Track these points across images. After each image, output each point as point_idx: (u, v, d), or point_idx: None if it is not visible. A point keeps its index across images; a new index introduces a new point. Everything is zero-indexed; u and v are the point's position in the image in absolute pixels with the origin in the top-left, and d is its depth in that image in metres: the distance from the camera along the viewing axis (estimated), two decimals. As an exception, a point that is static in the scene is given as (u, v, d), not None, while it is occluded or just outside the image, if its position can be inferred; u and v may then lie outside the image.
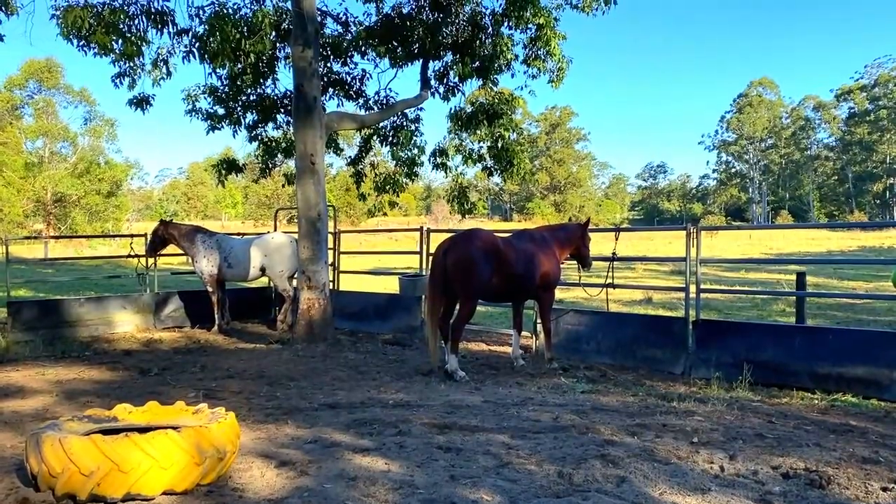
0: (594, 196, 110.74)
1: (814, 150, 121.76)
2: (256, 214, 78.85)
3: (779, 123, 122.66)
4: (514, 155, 13.49)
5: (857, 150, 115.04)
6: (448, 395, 7.64)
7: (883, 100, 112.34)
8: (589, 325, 10.41)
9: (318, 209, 10.95)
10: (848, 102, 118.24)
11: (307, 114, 10.81)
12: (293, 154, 14.00)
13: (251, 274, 13.34)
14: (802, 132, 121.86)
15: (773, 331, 9.13)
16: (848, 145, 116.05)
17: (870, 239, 63.37)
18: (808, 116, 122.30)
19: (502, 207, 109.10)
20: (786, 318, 17.04)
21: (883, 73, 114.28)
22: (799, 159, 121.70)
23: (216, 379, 8.80)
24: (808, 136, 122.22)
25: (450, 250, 8.69)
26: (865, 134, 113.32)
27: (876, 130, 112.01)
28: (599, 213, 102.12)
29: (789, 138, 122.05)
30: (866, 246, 56.23)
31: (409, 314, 12.64)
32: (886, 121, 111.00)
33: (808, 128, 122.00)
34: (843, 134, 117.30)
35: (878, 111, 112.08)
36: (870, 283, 24.68)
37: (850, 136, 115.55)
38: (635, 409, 6.97)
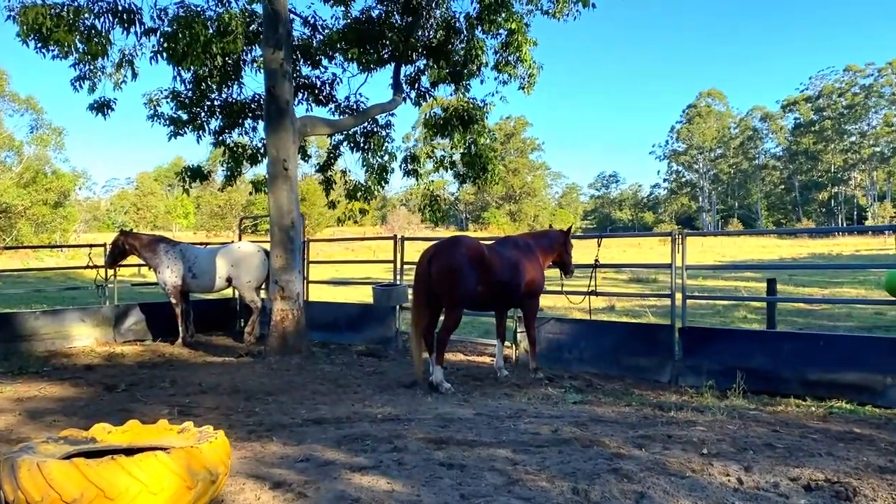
0: (548, 205, 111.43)
1: (761, 160, 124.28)
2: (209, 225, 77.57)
3: (727, 134, 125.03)
4: (487, 161, 13.26)
5: (803, 160, 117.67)
6: (437, 408, 7.35)
7: (827, 110, 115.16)
8: (571, 333, 10.20)
9: (292, 217, 10.58)
10: (794, 113, 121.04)
11: (279, 118, 10.45)
12: (260, 160, 13.61)
13: (217, 285, 12.88)
14: (750, 142, 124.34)
15: (763, 337, 9.02)
16: (794, 155, 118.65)
17: (818, 246, 64.68)
18: (756, 127, 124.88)
19: (458, 217, 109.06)
20: (748, 325, 17.08)
21: (827, 84, 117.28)
22: (747, 169, 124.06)
23: (189, 394, 8.38)
24: (756, 145, 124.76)
25: (434, 258, 8.40)
26: (811, 144, 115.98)
27: (821, 140, 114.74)
28: (553, 222, 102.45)
29: (738, 148, 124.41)
30: (816, 253, 57.31)
31: (383, 325, 12.31)
32: (831, 131, 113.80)
33: (756, 138, 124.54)
34: (789, 144, 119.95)
35: (822, 121, 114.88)
36: (825, 288, 24.98)
37: (796, 145, 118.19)
38: (634, 419, 6.75)
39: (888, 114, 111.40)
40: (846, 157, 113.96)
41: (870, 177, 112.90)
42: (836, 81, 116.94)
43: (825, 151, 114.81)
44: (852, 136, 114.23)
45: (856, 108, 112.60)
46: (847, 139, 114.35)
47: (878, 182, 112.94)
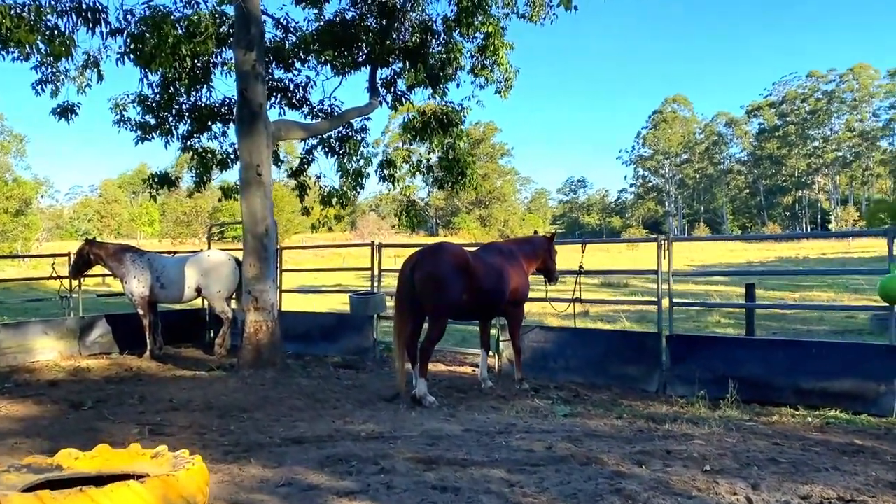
0: (518, 210, 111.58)
1: (726, 165, 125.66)
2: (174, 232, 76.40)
3: (693, 139, 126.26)
4: (465, 165, 12.96)
5: (768, 165, 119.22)
6: (423, 424, 7.03)
7: (791, 116, 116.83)
8: (556, 342, 9.94)
9: (266, 224, 10.18)
10: (758, 118, 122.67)
11: (252, 121, 10.06)
12: (230, 166, 13.20)
13: (186, 295, 12.44)
14: (715, 147, 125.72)
15: (754, 345, 8.83)
16: (759, 160, 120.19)
17: (785, 250, 65.30)
18: (721, 132, 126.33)
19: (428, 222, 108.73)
20: (722, 329, 16.96)
21: (790, 90, 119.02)
22: (713, 173, 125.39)
23: (159, 412, 7.96)
24: (721, 150, 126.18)
25: (418, 266, 8.08)
26: (775, 149, 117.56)
27: (785, 145, 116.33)
28: (523, 227, 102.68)
29: (703, 153, 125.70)
30: (783, 256, 57.86)
31: (359, 335, 11.95)
32: (794, 136, 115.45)
33: (721, 143, 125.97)
34: (754, 149, 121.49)
35: (786, 126, 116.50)
36: (795, 292, 25.00)
37: (760, 150, 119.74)
38: (629, 433, 6.49)
39: (850, 119, 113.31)
40: (809, 162, 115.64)
41: (832, 181, 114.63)
42: (799, 87, 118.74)
43: (789, 156, 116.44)
44: (815, 140, 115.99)
45: (819, 114, 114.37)
46: (810, 144, 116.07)
47: (841, 186, 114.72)
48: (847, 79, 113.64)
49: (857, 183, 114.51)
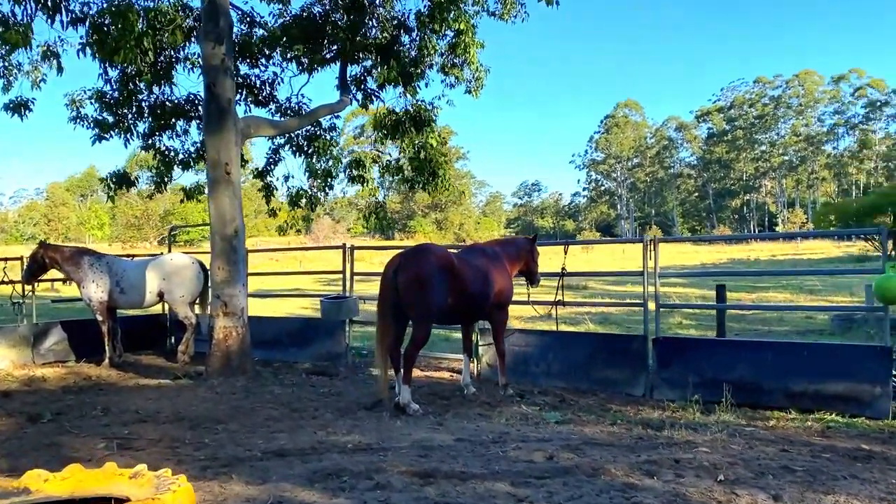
0: (473, 214, 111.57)
1: (676, 169, 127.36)
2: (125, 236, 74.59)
3: (644, 143, 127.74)
4: (438, 166, 12.64)
5: (717, 168, 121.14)
6: (411, 434, 6.69)
7: (738, 121, 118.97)
8: (538, 345, 9.66)
9: (235, 225, 9.73)
10: (707, 123, 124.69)
11: (220, 118, 9.61)
12: (192, 165, 12.69)
13: (147, 300, 11.90)
14: (666, 151, 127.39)
15: (743, 347, 8.66)
16: (708, 164, 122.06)
17: (736, 252, 66.28)
18: (671, 136, 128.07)
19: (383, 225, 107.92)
20: (685, 330, 16.88)
21: (738, 95, 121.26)
22: (663, 177, 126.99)
23: (126, 424, 7.48)
24: (672, 155, 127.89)
25: (402, 268, 7.72)
26: (724, 153, 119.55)
27: (733, 149, 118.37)
28: (478, 230, 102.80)
29: (654, 157, 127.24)
30: (734, 258, 58.67)
31: (331, 340, 11.54)
32: (742, 140, 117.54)
33: (671, 147, 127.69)
34: (703, 153, 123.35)
35: (734, 131, 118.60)
36: (752, 293, 25.19)
37: (709, 154, 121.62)
38: (629, 441, 6.23)
39: (796, 123, 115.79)
40: (757, 166, 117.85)
41: (779, 184, 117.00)
42: (746, 93, 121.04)
43: (737, 160, 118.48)
44: (763, 145, 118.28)
45: (766, 119, 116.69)
46: (758, 148, 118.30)
47: (787, 189, 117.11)
48: (793, 84, 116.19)
49: (803, 186, 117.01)
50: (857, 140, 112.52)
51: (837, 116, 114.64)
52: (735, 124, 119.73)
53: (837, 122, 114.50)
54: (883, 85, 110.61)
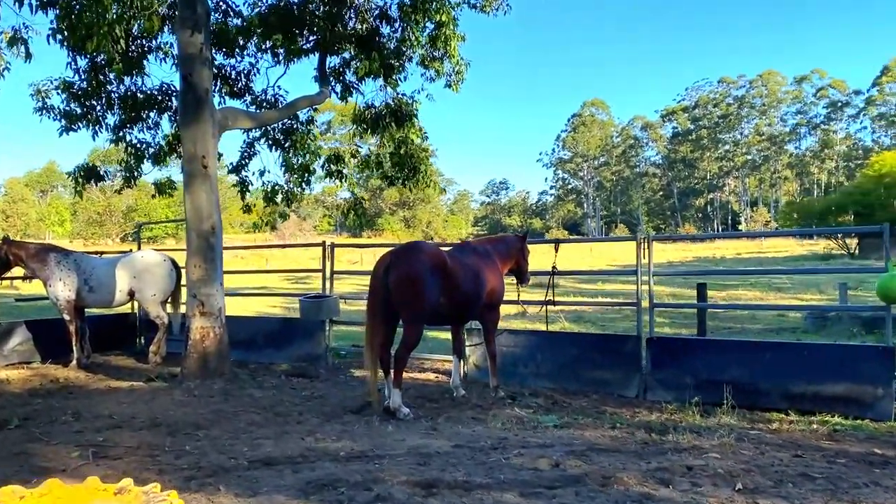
0: (441, 212, 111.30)
1: (642, 168, 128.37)
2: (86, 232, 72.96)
3: (610, 142, 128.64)
4: (419, 162, 12.31)
5: (681, 167, 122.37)
6: (405, 440, 6.38)
7: (703, 120, 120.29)
8: (526, 346, 9.38)
9: (212, 221, 9.32)
10: (672, 123, 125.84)
11: (197, 109, 9.19)
12: (164, 159, 12.23)
13: (117, 299, 11.42)
14: (632, 150, 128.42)
15: (741, 348, 8.44)
16: (673, 163, 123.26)
17: (701, 250, 66.85)
18: (637, 136, 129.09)
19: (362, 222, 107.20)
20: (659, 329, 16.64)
21: (702, 95, 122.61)
22: (629, 176, 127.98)
23: (100, 430, 7.07)
24: (637, 154, 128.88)
25: (393, 267, 7.39)
26: (688, 152, 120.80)
27: (697, 149, 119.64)
28: (446, 228, 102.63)
29: (620, 156, 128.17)
30: (700, 256, 59.14)
31: (310, 341, 11.16)
32: (706, 140, 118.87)
33: (637, 146, 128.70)
34: (668, 152, 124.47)
35: (699, 131, 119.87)
36: (721, 291, 25.17)
37: (674, 154, 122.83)
38: (635, 447, 5.98)
39: (759, 123, 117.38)
40: (721, 165, 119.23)
41: (742, 183, 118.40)
42: (711, 92, 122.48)
43: (701, 159, 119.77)
44: (726, 144, 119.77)
45: (729, 118, 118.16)
46: (722, 147, 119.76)
47: (751, 188, 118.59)
48: (756, 85, 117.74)
49: (766, 185, 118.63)
50: (818, 140, 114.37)
51: (800, 116, 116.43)
52: (699, 124, 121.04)
53: (800, 122, 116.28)
54: (844, 86, 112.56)
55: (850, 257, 48.89)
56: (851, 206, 51.22)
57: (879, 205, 49.77)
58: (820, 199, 72.61)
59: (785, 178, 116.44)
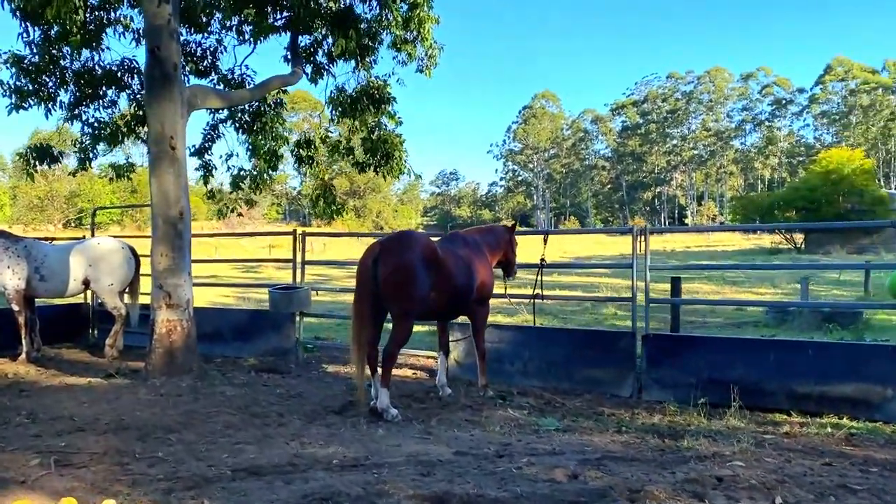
0: (391, 202, 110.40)
1: (591, 161, 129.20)
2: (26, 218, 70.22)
3: (560, 135, 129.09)
4: (393, 148, 11.79)
5: (630, 161, 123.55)
6: (400, 446, 5.90)
7: (652, 114, 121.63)
8: (512, 342, 8.94)
9: (181, 207, 8.68)
10: (621, 116, 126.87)
11: (165, 85, 8.52)
12: (122, 140, 11.50)
13: (71, 288, 10.71)
14: (582, 143, 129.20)
15: (743, 346, 8.11)
16: (622, 156, 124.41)
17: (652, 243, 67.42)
18: (587, 129, 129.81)
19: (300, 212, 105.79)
20: (621, 322, 16.47)
21: (651, 90, 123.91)
22: (578, 168, 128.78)
23: (60, 433, 6.45)
24: (587, 146, 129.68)
25: (382, 258, 6.87)
26: (637, 146, 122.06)
27: (646, 143, 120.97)
28: (396, 218, 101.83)
29: (570, 149, 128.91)
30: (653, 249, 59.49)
31: (279, 334, 10.58)
32: (655, 134, 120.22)
33: (587, 139, 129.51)
34: (617, 145, 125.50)
35: (647, 125, 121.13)
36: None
37: (623, 147, 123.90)
38: (651, 454, 5.59)
39: (706, 119, 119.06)
40: (669, 159, 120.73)
41: (689, 178, 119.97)
42: (659, 87, 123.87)
43: (650, 153, 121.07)
44: (674, 139, 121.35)
45: (678, 113, 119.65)
46: (669, 142, 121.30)
47: (697, 183, 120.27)
48: (704, 81, 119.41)
49: (712, 180, 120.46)
50: (763, 136, 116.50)
51: (745, 113, 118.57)
52: (648, 118, 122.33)
53: (745, 119, 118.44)
54: (788, 84, 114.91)
55: (797, 251, 49.77)
56: (799, 201, 52.11)
57: (826, 201, 50.73)
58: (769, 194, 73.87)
59: (730, 173, 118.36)
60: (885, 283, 24.18)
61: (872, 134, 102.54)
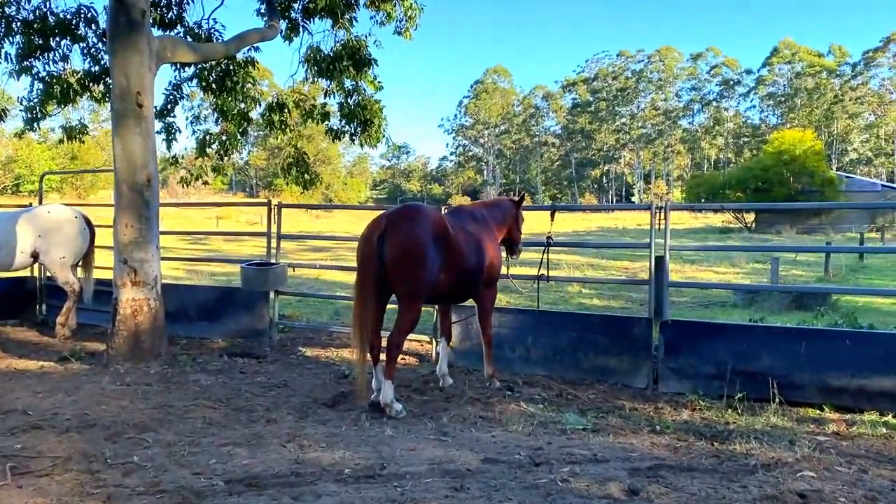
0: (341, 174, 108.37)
1: (542, 137, 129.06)
2: (-46, 184, 66.93)
3: (511, 111, 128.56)
4: (373, 114, 10.90)
5: (580, 138, 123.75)
6: (415, 450, 5.14)
7: (602, 92, 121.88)
8: (514, 326, 8.18)
9: (148, 172, 7.70)
10: (572, 94, 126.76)
11: (131, 34, 7.50)
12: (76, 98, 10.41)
13: (18, 261, 9.66)
14: (532, 119, 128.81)
15: (771, 334, 7.44)
16: (571, 133, 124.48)
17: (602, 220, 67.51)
18: (538, 105, 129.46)
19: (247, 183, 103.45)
20: (588, 300, 15.91)
21: (602, 68, 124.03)
22: (528, 145, 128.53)
23: (14, 432, 5.56)
24: (538, 123, 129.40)
25: (389, 234, 6.03)
26: (587, 123, 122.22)
27: (596, 120, 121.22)
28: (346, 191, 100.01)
29: (520, 125, 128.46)
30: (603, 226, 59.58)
31: (250, 314, 9.66)
32: (604, 112, 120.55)
33: (538, 116, 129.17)
34: (567, 123, 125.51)
35: (597, 103, 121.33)
36: (635, 262, 24.69)
37: (573, 124, 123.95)
38: (706, 461, 4.93)
39: (655, 98, 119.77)
40: (618, 137, 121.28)
41: (637, 156, 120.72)
42: (610, 66, 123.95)
43: (599, 131, 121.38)
44: (623, 117, 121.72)
45: (627, 92, 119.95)
46: (619, 120, 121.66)
47: (644, 161, 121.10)
48: (654, 60, 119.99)
49: (659, 159, 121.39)
50: (710, 116, 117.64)
51: (694, 93, 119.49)
52: (598, 96, 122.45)
53: (693, 99, 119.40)
54: (736, 64, 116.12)
55: (748, 231, 50.15)
56: (752, 180, 52.46)
57: (778, 181, 51.16)
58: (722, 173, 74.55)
59: (677, 152, 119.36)
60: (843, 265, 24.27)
61: (816, 116, 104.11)
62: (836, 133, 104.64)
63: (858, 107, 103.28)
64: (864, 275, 22.27)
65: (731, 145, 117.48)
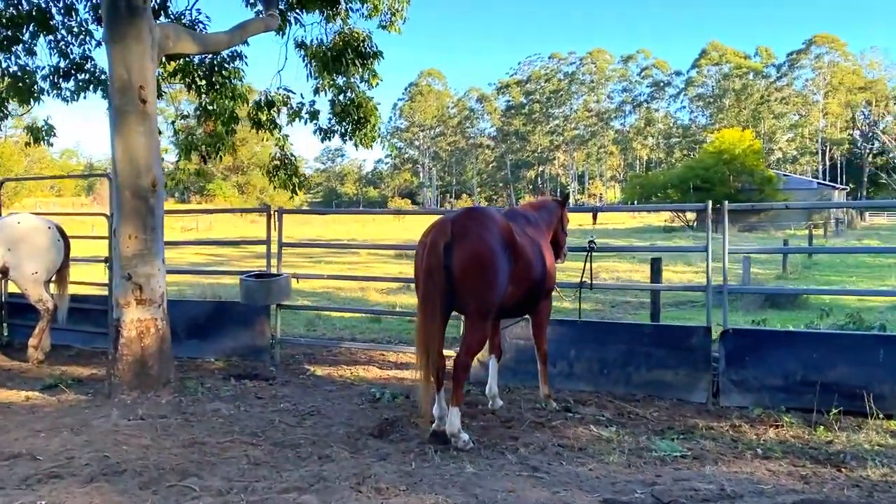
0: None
1: (477, 139, 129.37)
2: None
3: (446, 113, 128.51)
4: (368, 112, 10.15)
5: (514, 140, 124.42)
6: (513, 491, 4.47)
7: (535, 94, 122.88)
8: (553, 339, 7.44)
9: (153, 176, 6.80)
10: (506, 96, 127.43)
11: (132, 21, 6.60)
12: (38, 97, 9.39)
13: (-17, 276, 8.64)
14: (467, 121, 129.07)
15: (845, 341, 6.95)
16: (506, 135, 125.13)
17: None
18: (472, 107, 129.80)
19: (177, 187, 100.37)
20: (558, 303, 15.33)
21: (535, 70, 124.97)
22: (464, 147, 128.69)
23: (29, 482, 4.68)
24: (472, 125, 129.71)
25: (458, 242, 5.30)
26: (521, 125, 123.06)
27: (530, 122, 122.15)
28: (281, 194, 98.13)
29: (456, 127, 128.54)
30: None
31: (248, 330, 8.81)
32: (538, 113, 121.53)
33: (473, 118, 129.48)
34: (502, 124, 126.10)
35: (531, 105, 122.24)
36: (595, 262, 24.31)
37: (508, 126, 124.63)
38: (853, 494, 4.39)
39: (588, 99, 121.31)
40: (551, 139, 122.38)
41: (571, 157, 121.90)
42: (542, 68, 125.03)
43: (533, 132, 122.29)
44: (557, 119, 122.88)
45: (560, 94, 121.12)
46: (552, 122, 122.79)
47: (578, 162, 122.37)
48: (586, 62, 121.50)
49: (593, 159, 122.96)
50: (641, 117, 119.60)
51: (625, 94, 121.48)
52: (532, 98, 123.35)
53: (625, 100, 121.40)
54: (666, 66, 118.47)
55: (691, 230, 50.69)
56: (693, 179, 53.10)
57: (719, 180, 51.91)
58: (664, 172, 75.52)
59: (610, 152, 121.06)
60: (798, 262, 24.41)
61: (744, 116, 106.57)
62: (763, 133, 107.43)
63: (784, 107, 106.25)
64: (817, 271, 22.49)
65: (661, 145, 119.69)
